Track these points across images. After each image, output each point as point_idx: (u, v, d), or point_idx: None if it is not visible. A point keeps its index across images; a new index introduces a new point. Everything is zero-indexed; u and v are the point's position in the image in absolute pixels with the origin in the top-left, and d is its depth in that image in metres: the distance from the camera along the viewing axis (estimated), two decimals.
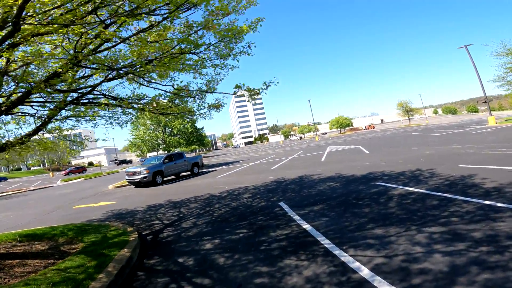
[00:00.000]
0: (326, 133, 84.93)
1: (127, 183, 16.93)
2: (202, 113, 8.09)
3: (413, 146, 16.61)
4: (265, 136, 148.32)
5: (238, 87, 5.75)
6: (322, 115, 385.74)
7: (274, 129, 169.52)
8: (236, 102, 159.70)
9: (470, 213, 4.42)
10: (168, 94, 6.87)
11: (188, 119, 28.15)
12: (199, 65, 6.11)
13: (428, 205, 5.19)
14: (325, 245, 4.08)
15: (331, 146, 27.43)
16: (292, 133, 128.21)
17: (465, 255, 3.13)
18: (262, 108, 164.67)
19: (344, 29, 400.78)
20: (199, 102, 7.34)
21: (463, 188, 5.94)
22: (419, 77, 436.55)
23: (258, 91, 5.95)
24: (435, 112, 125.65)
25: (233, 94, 6.05)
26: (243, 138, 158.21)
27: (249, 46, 6.01)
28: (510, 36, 40.91)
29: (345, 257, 3.58)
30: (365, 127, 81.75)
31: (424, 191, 6.20)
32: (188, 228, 6.14)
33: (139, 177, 15.39)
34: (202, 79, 6.81)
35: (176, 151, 23.37)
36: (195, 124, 31.92)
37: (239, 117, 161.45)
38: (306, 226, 5.11)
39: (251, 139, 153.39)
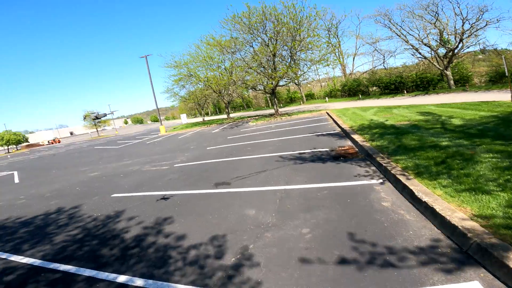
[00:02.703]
0: None
1: None
2: None
3: (83, 166, 13.61)
4: None
5: None
6: None
7: None
8: None
9: None
10: None
11: None
12: None
13: None
14: None
15: None
16: None
17: None
18: None
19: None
20: None
21: (110, 259, 3.73)
22: (108, 88, 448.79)
23: None
24: (126, 122, 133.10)
25: None
26: None
27: None
28: (184, 49, 50.58)
29: None
30: (49, 141, 68.03)
31: (37, 263, 3.47)
32: None
33: None
34: None
35: None
36: None
37: None
38: None
39: None
